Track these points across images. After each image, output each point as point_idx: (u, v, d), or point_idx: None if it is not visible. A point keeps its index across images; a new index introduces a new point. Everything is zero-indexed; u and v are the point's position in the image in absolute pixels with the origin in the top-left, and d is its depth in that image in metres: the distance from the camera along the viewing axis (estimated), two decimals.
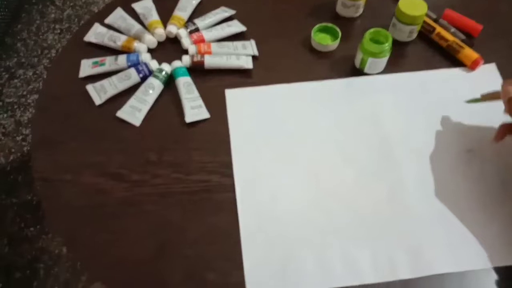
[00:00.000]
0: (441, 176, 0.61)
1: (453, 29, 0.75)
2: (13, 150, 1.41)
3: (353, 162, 0.62)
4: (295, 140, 0.64)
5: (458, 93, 0.68)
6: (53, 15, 1.76)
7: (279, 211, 0.58)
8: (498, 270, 0.54)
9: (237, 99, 0.69)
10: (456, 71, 0.71)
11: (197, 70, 0.71)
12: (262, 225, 0.57)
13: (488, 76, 0.70)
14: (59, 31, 1.71)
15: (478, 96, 0.63)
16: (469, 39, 0.74)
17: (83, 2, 1.80)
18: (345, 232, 0.56)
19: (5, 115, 1.48)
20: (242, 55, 0.72)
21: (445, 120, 0.66)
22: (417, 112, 0.67)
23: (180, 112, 0.67)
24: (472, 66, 0.70)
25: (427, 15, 0.77)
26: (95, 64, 0.71)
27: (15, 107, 1.50)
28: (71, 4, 1.79)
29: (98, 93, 0.68)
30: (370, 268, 0.54)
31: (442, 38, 0.72)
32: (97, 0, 1.80)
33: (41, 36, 1.69)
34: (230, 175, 0.61)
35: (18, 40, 1.68)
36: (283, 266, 0.54)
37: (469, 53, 0.70)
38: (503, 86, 0.57)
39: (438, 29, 0.73)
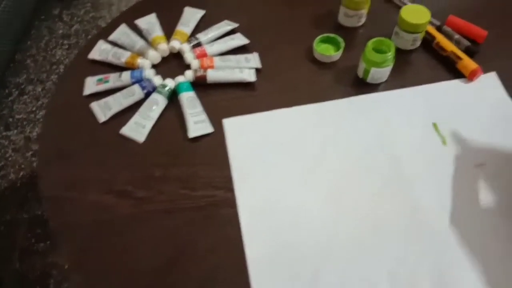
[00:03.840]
0: (453, 192, 0.59)
1: (457, 36, 0.74)
2: (23, 166, 1.42)
3: (363, 183, 0.61)
4: (298, 163, 0.63)
5: (461, 105, 0.68)
6: (61, 31, 1.79)
7: (287, 233, 0.57)
8: None
9: (236, 127, 0.67)
10: (457, 83, 0.70)
11: (200, 85, 0.71)
12: (269, 251, 0.56)
13: (489, 86, 0.70)
14: (67, 46, 1.73)
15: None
16: (474, 45, 0.73)
17: (90, 17, 1.83)
18: (354, 254, 0.55)
19: (15, 131, 1.50)
20: (245, 68, 0.72)
21: (452, 134, 0.65)
22: (423, 127, 0.66)
23: (185, 127, 0.67)
24: (470, 77, 0.69)
25: (430, 22, 0.76)
26: (100, 81, 0.71)
27: (25, 123, 1.52)
28: (79, 19, 1.82)
29: (103, 110, 0.68)
30: None
31: (441, 48, 0.71)
32: (104, 15, 1.83)
33: (49, 52, 1.72)
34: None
35: (28, 56, 1.71)
36: (294, 284, 0.53)
37: (467, 63, 0.69)
38: None
39: (438, 38, 0.72)
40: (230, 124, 0.67)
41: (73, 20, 1.81)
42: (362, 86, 0.71)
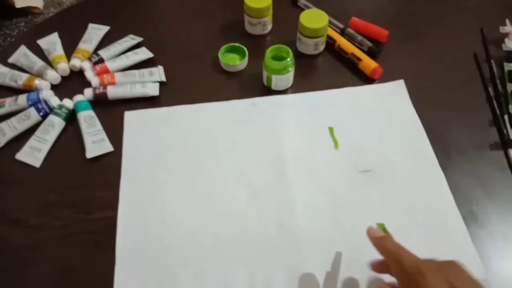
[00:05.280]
0: (333, 197, 0.58)
1: (360, 37, 0.75)
2: None
3: (246, 183, 0.60)
4: (193, 162, 0.62)
5: (362, 111, 0.67)
6: None
7: (164, 235, 0.56)
8: None
9: (136, 121, 0.67)
10: (361, 88, 0.70)
11: (102, 102, 0.69)
12: (143, 247, 0.55)
13: (394, 92, 0.69)
14: None
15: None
16: (378, 45, 0.74)
17: None
18: (227, 252, 0.54)
19: None
20: (149, 82, 0.71)
21: (345, 139, 0.64)
22: (318, 131, 0.65)
23: (83, 148, 0.64)
24: (371, 75, 0.70)
25: (334, 25, 0.77)
26: None
27: None
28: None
29: None
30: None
31: (343, 50, 0.72)
32: None
33: None
34: None
35: None
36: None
37: (367, 63, 0.70)
38: (379, 245, 0.46)
39: (339, 41, 0.73)
40: (131, 117, 0.68)
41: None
42: (268, 93, 0.70)
